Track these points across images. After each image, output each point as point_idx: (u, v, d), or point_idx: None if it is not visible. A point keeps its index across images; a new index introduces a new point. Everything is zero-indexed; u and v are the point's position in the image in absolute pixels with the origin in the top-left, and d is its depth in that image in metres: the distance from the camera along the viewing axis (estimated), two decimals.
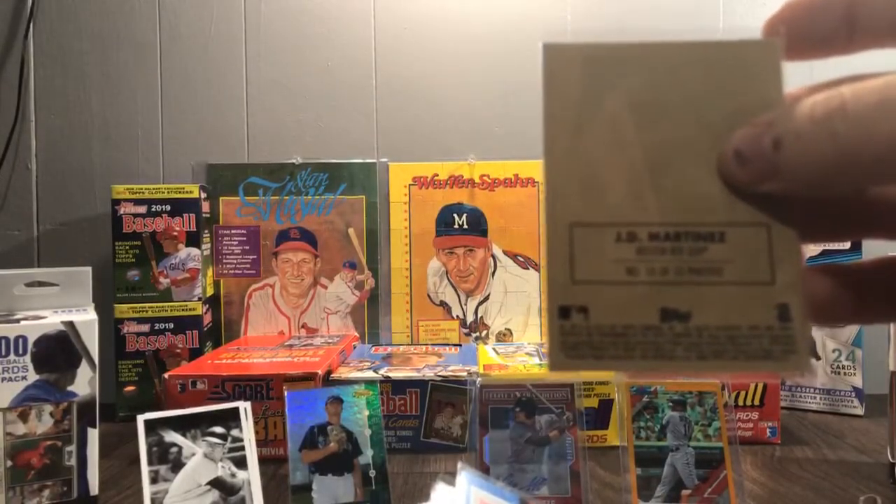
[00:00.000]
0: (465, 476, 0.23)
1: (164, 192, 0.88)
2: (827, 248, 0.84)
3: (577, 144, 0.20)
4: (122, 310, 0.86)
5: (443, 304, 0.97)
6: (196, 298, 0.88)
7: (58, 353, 0.58)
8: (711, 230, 0.20)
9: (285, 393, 0.54)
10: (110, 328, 0.85)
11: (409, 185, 0.97)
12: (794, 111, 0.18)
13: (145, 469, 0.49)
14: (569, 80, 0.21)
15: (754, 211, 0.20)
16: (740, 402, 0.73)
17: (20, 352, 0.56)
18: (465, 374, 0.75)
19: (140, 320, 0.87)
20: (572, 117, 0.20)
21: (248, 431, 0.52)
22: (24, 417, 0.56)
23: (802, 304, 0.19)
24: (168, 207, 0.87)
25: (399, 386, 0.74)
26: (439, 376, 0.74)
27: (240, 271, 0.96)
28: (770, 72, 0.20)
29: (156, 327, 0.87)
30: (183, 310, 0.88)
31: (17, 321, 0.57)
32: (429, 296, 0.97)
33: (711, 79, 0.20)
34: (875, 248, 0.83)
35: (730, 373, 0.19)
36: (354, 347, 0.91)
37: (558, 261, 0.20)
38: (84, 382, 0.58)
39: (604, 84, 0.21)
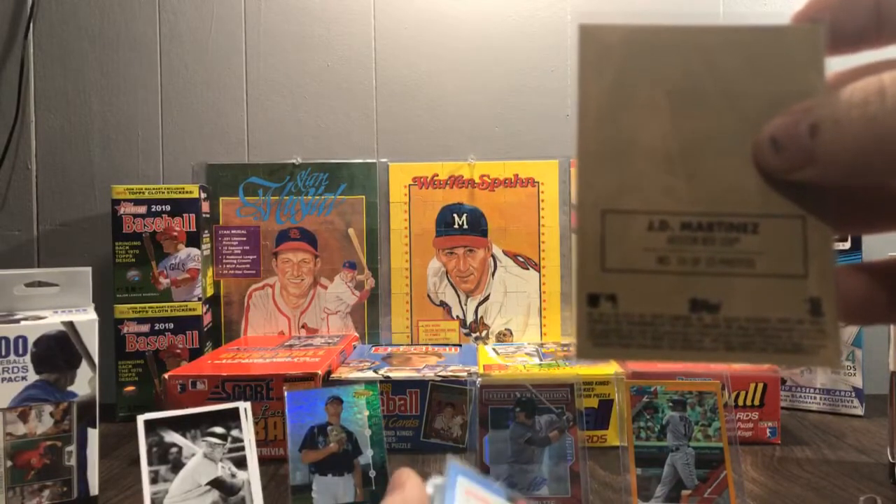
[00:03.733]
0: (452, 467, 0.23)
1: (164, 193, 0.88)
2: None
3: (611, 130, 0.20)
4: (122, 310, 0.86)
5: (443, 304, 0.97)
6: (196, 299, 0.88)
7: (58, 353, 0.58)
8: (745, 221, 0.19)
9: (285, 393, 0.54)
10: (110, 328, 0.85)
11: (409, 185, 0.97)
12: (832, 97, 0.17)
13: (145, 469, 0.49)
14: (604, 64, 0.20)
15: (789, 203, 0.19)
16: (740, 403, 0.73)
17: (20, 352, 0.56)
18: (465, 374, 0.75)
19: (140, 320, 0.87)
20: (607, 102, 0.20)
21: (248, 432, 0.52)
22: (23, 417, 0.56)
23: (835, 297, 0.19)
24: (168, 207, 0.87)
25: (399, 386, 0.74)
26: (439, 376, 0.74)
27: (240, 271, 0.96)
28: (811, 59, 0.19)
29: (156, 327, 0.87)
30: (183, 310, 0.88)
31: (17, 321, 0.57)
32: (429, 296, 0.97)
33: (750, 65, 0.20)
34: (875, 248, 0.83)
35: (758, 364, 0.19)
36: (354, 347, 0.91)
37: (589, 248, 0.20)
38: (84, 382, 0.58)
39: (640, 68, 0.20)
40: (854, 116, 0.17)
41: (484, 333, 0.97)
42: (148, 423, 0.50)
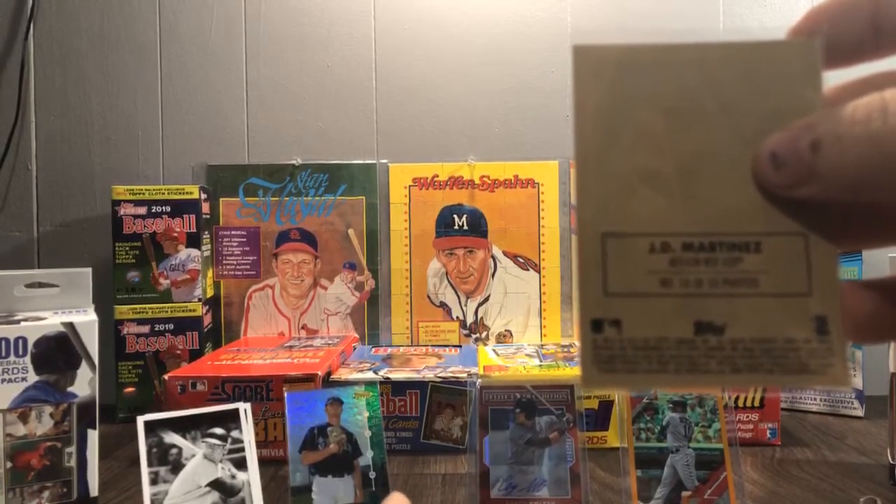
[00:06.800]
0: None
1: (164, 193, 0.88)
2: None
3: (609, 152, 0.20)
4: (122, 311, 0.86)
5: (443, 305, 0.97)
6: (196, 299, 0.88)
7: (58, 354, 0.58)
8: (747, 240, 0.19)
9: (285, 394, 0.54)
10: (110, 329, 0.85)
11: (409, 185, 0.97)
12: (834, 114, 0.17)
13: (145, 470, 0.49)
14: (600, 84, 0.20)
15: (790, 220, 0.19)
16: (740, 404, 0.73)
17: (20, 353, 0.56)
18: (465, 375, 0.75)
19: (140, 321, 0.86)
20: (604, 123, 0.20)
21: (248, 433, 0.52)
22: (23, 418, 0.56)
23: (840, 315, 0.19)
24: (168, 208, 0.87)
25: (399, 387, 0.74)
26: (439, 377, 0.74)
27: (240, 272, 0.96)
28: (808, 73, 0.19)
29: (156, 328, 0.87)
30: (183, 311, 0.88)
31: (17, 322, 0.57)
32: (429, 297, 0.97)
33: (747, 81, 0.19)
34: (876, 256, 0.83)
35: (765, 386, 0.19)
36: (354, 348, 0.91)
37: (590, 272, 0.19)
38: (84, 383, 0.58)
39: (636, 88, 0.20)
40: (857, 133, 0.17)
41: (484, 334, 0.97)
42: (148, 424, 0.50)
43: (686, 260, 0.19)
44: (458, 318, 0.97)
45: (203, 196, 0.91)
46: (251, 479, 0.51)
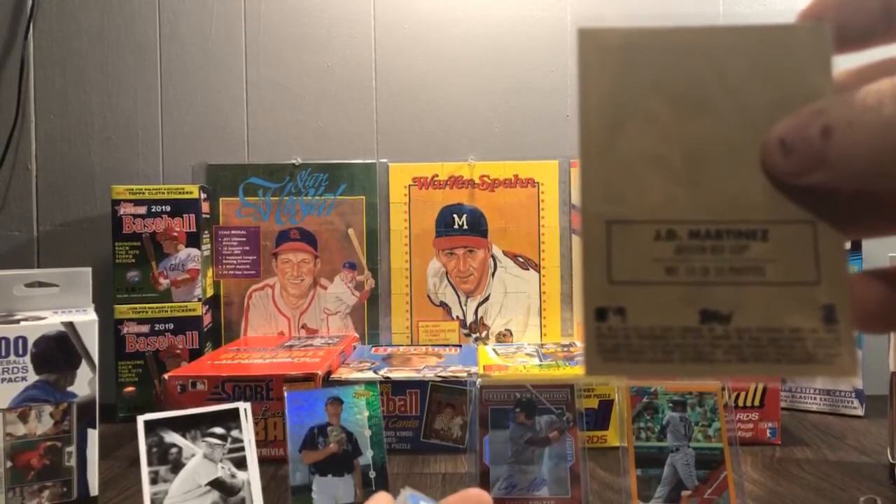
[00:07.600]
0: (411, 497, 0.23)
1: (164, 193, 0.88)
2: None
3: (615, 137, 0.19)
4: (121, 310, 0.86)
5: (443, 304, 0.97)
6: (196, 299, 0.88)
7: (58, 353, 0.58)
8: (754, 228, 0.19)
9: (285, 393, 0.54)
10: (110, 329, 0.85)
11: (409, 185, 0.97)
12: (845, 99, 0.17)
13: (145, 470, 0.49)
14: (604, 68, 0.20)
15: (798, 208, 0.19)
16: (740, 403, 0.73)
17: (20, 352, 0.56)
18: (465, 374, 0.75)
19: (140, 321, 0.86)
20: (609, 109, 0.19)
21: (248, 432, 0.52)
22: (23, 418, 0.56)
23: (849, 304, 0.18)
24: (168, 208, 0.87)
25: (399, 386, 0.74)
26: (439, 377, 0.74)
27: (240, 272, 0.96)
28: (818, 59, 0.19)
29: (156, 328, 0.87)
30: (183, 310, 0.88)
31: (17, 322, 0.57)
32: (429, 296, 0.97)
33: (754, 66, 0.19)
34: (876, 248, 0.83)
35: (772, 376, 0.19)
36: (354, 348, 0.91)
37: (594, 260, 0.19)
38: (84, 383, 0.58)
39: (641, 72, 0.19)
40: (868, 119, 0.16)
41: (484, 334, 0.97)
42: (148, 423, 0.50)
43: (692, 248, 0.19)
44: (458, 317, 0.97)
45: (203, 196, 0.91)
46: (251, 478, 0.51)
